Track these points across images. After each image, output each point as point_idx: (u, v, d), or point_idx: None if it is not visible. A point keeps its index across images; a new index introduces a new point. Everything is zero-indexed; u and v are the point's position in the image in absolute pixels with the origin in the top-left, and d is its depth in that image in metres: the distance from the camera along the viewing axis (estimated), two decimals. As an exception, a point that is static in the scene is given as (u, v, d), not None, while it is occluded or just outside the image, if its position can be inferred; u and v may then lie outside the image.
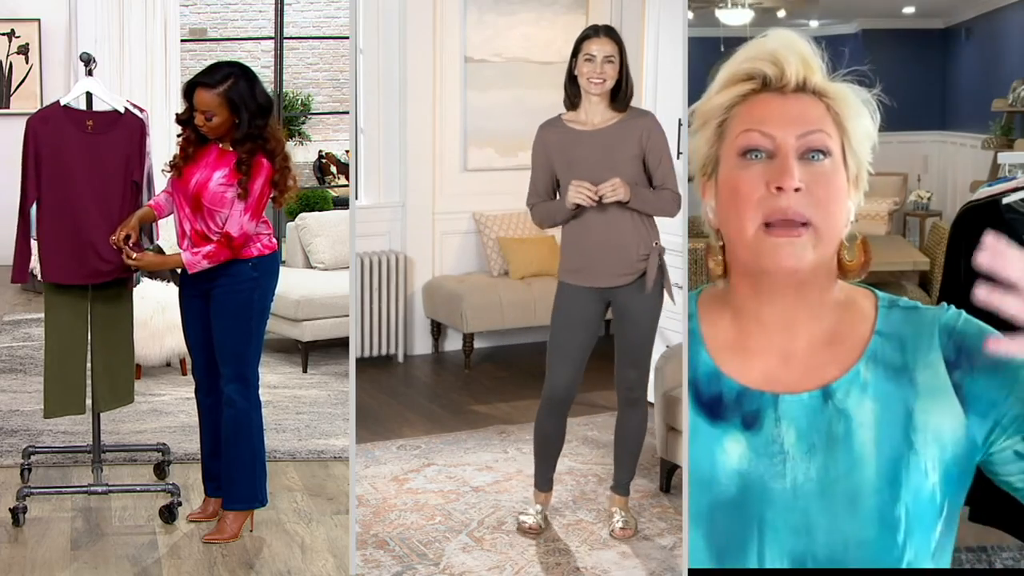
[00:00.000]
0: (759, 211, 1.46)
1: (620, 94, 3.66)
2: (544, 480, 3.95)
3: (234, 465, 3.86)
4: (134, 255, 3.72)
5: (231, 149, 3.72)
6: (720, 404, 1.53)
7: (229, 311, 3.78)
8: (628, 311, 3.76)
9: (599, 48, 3.60)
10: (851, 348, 1.52)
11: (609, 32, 3.65)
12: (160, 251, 3.88)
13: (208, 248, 3.68)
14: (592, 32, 3.65)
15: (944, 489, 1.48)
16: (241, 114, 3.65)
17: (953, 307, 1.54)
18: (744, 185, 1.47)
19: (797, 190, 1.45)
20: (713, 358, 1.56)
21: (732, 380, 1.53)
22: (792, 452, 1.49)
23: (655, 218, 3.76)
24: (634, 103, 3.81)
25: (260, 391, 3.92)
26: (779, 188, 1.45)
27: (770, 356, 1.54)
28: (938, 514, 1.48)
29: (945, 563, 1.51)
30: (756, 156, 1.48)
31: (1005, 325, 1.24)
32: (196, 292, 3.83)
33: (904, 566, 1.45)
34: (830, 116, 1.50)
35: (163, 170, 3.88)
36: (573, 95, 3.69)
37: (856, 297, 1.56)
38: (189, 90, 3.70)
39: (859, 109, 1.51)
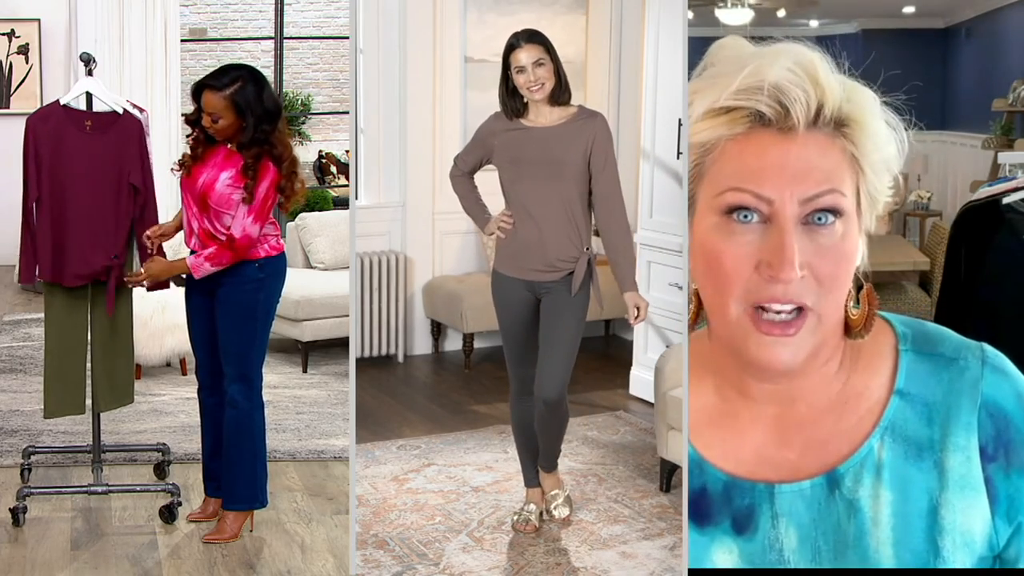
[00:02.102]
0: (743, 294, 1.17)
1: (558, 91, 3.65)
2: (531, 476, 3.98)
3: (235, 465, 3.86)
4: (143, 270, 3.76)
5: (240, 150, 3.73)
6: (705, 501, 1.25)
7: (234, 311, 3.78)
8: (550, 310, 3.75)
9: (527, 56, 3.59)
10: (863, 414, 1.23)
11: (531, 37, 3.62)
12: (162, 253, 3.88)
13: (210, 251, 3.68)
14: (515, 42, 3.62)
15: None
16: (247, 118, 3.64)
17: (996, 362, 1.23)
18: (728, 260, 1.16)
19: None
20: (693, 441, 1.27)
21: (717, 469, 1.25)
22: (794, 560, 1.22)
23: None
24: (633, 102, 3.82)
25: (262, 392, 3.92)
26: (773, 276, 1.14)
27: (762, 431, 1.25)
28: None
29: None
30: (745, 218, 1.16)
31: None
32: (202, 292, 3.82)
33: None
34: (846, 158, 1.17)
35: (172, 169, 3.88)
36: (516, 106, 3.68)
37: (868, 338, 1.26)
38: (197, 91, 3.70)
39: (883, 140, 1.19)
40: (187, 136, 3.84)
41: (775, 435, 1.24)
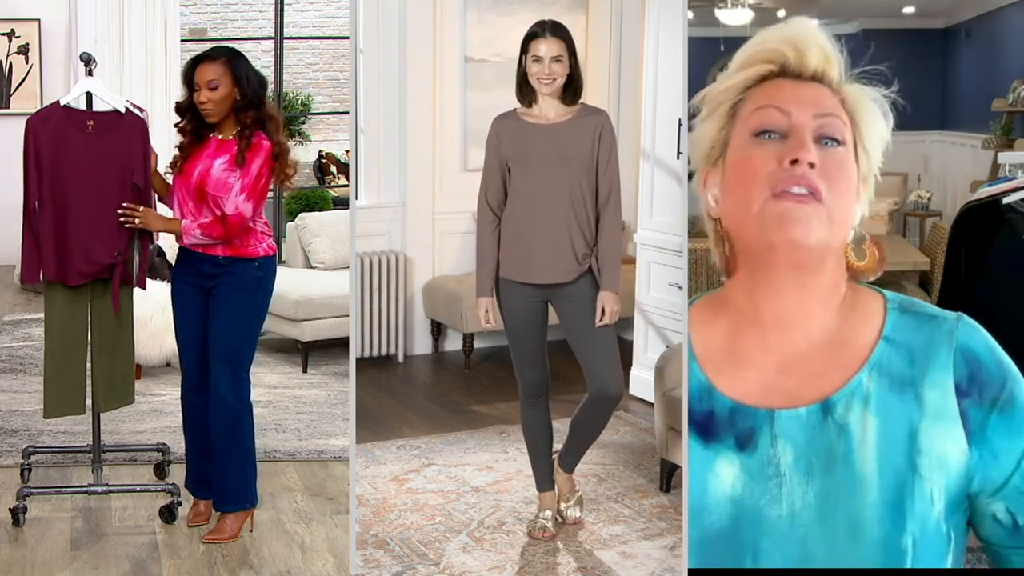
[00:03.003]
0: (768, 184, 1.39)
1: (570, 89, 3.64)
2: (544, 480, 3.92)
3: (227, 466, 3.85)
4: (140, 209, 3.74)
5: (231, 137, 3.76)
6: (712, 422, 1.43)
7: (233, 309, 3.78)
8: (578, 312, 3.70)
9: (546, 48, 3.57)
10: (855, 354, 1.42)
11: (556, 30, 3.60)
12: (161, 252, 3.88)
13: (205, 220, 3.70)
14: (539, 30, 3.60)
15: (949, 518, 1.39)
16: (243, 83, 3.72)
17: (969, 320, 1.44)
18: (756, 161, 1.40)
19: (812, 165, 1.38)
20: (705, 370, 1.46)
21: (724, 395, 1.44)
22: (789, 474, 1.39)
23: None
24: (633, 102, 3.82)
25: (260, 391, 3.92)
26: (794, 161, 1.38)
27: (767, 363, 1.44)
28: (947, 544, 1.38)
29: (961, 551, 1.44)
30: (770, 136, 1.41)
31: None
32: (197, 289, 3.82)
33: None
34: (845, 110, 1.45)
35: (165, 171, 3.89)
36: (527, 92, 3.67)
37: (862, 298, 1.47)
38: (189, 70, 3.74)
39: (874, 112, 1.46)
40: (175, 124, 3.86)
41: (777, 367, 1.43)
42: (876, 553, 1.35)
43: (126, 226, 3.78)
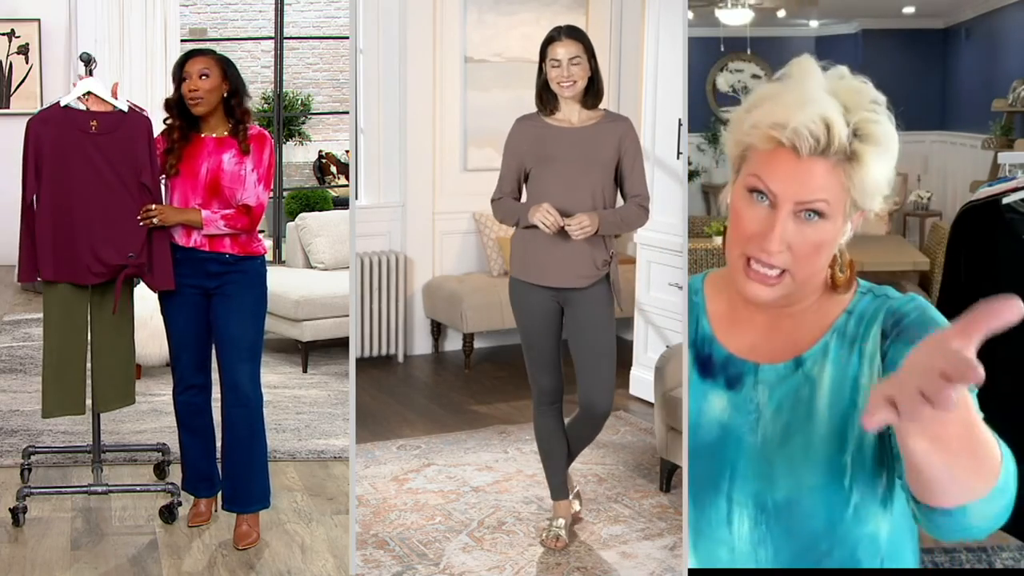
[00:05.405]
0: (745, 248, 1.64)
1: (591, 92, 3.65)
2: (558, 488, 3.88)
3: (252, 465, 3.84)
4: (154, 206, 3.73)
5: (225, 134, 3.77)
6: (710, 364, 1.77)
7: (248, 306, 3.79)
8: (586, 318, 3.69)
9: (564, 51, 3.59)
10: (826, 325, 1.73)
11: (571, 33, 3.62)
12: None
13: (227, 211, 3.71)
14: (555, 35, 3.63)
15: (882, 444, 1.64)
16: (232, 78, 3.78)
17: (919, 298, 1.71)
18: (744, 220, 1.65)
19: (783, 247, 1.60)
20: (711, 325, 1.79)
21: (722, 346, 1.77)
22: (764, 411, 1.71)
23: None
24: (633, 102, 3.82)
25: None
26: (762, 247, 1.61)
27: (756, 331, 1.75)
28: (879, 464, 1.64)
29: (901, 506, 1.65)
30: (760, 198, 1.63)
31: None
32: (197, 290, 3.81)
33: (851, 509, 1.65)
34: (840, 183, 1.60)
35: (160, 177, 3.85)
36: (548, 101, 3.67)
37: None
38: (180, 65, 3.78)
39: (879, 175, 1.62)
40: (164, 120, 3.84)
41: (764, 335, 1.75)
42: (822, 470, 1.65)
43: (143, 225, 3.74)
